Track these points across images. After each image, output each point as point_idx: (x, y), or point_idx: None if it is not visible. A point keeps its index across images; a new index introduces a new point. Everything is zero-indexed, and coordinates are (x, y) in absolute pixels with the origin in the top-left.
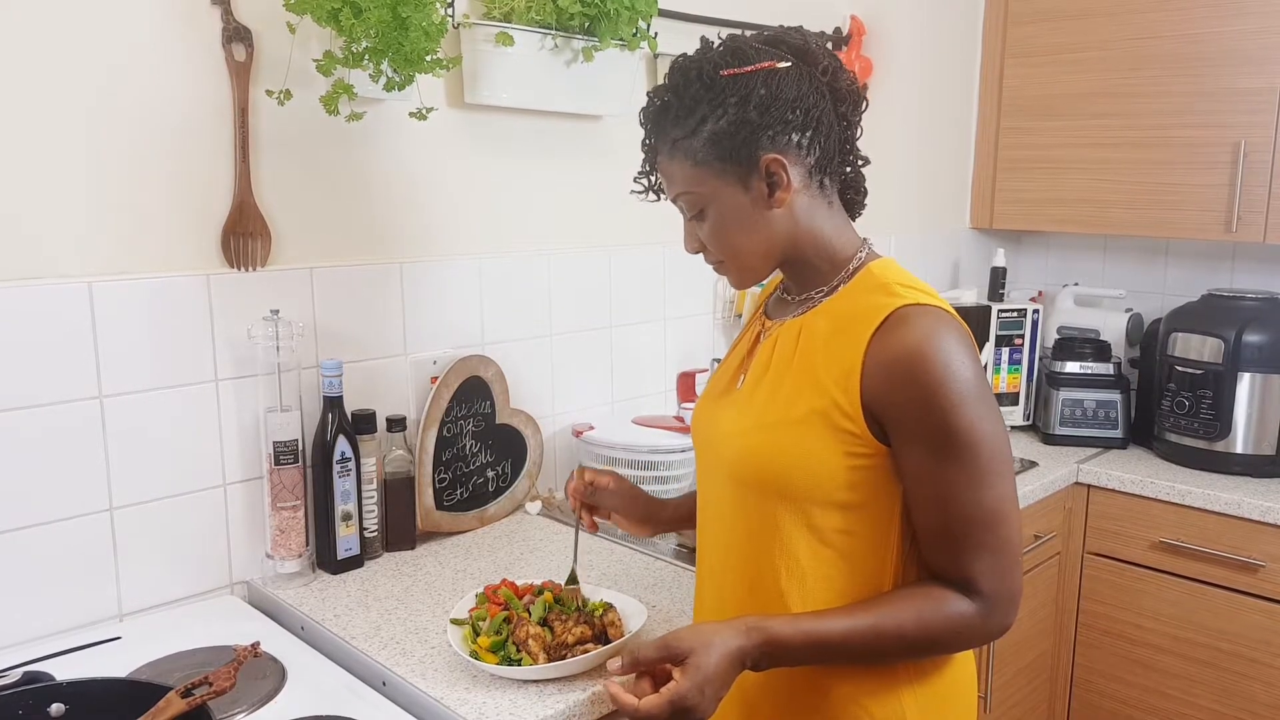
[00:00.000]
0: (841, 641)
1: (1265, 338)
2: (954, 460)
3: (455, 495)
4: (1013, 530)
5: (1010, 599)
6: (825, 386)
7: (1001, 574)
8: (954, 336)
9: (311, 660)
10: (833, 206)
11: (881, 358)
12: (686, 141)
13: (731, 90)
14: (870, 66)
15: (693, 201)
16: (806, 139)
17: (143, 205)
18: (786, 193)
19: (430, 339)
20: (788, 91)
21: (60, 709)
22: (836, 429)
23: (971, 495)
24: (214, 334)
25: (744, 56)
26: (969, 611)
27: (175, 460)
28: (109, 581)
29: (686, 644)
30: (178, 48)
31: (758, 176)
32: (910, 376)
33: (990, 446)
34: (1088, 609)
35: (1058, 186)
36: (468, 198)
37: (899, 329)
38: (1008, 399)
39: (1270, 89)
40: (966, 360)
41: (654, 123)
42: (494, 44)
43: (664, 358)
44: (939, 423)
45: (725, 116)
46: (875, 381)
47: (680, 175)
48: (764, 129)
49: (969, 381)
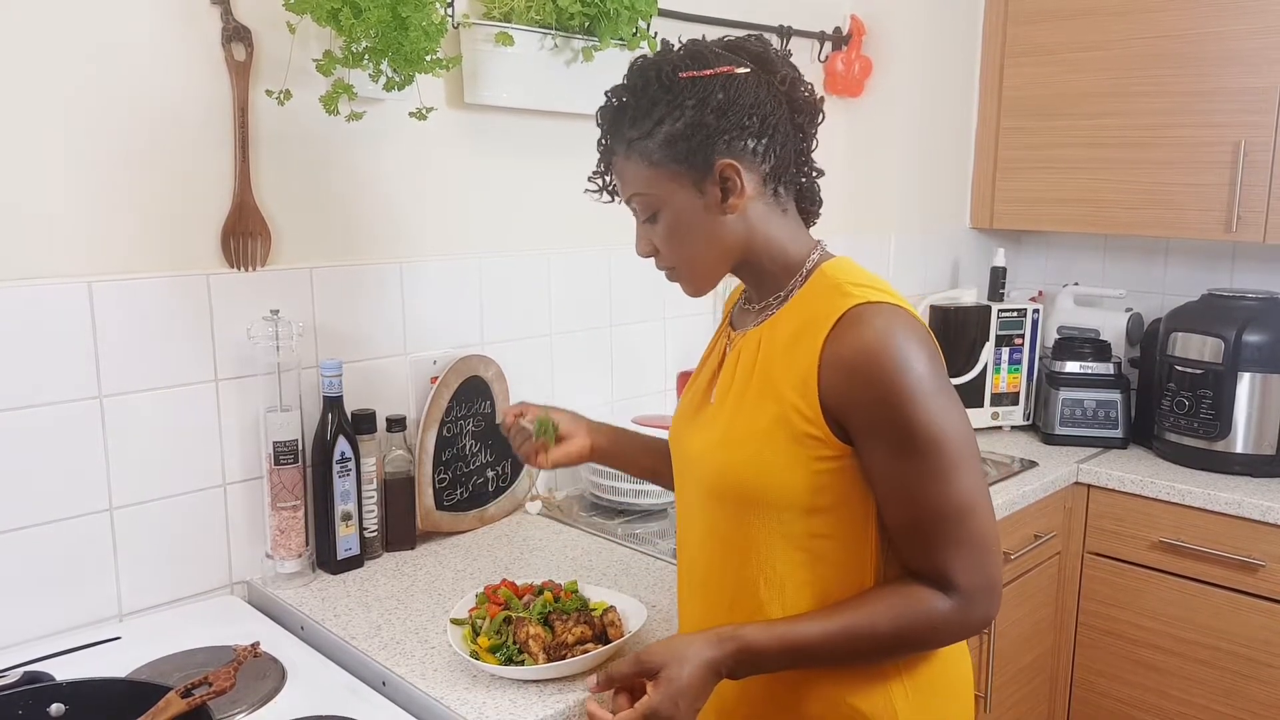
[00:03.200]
0: (817, 645)
1: (1265, 337)
2: (916, 456)
3: (455, 495)
4: (983, 522)
5: (988, 591)
6: (784, 394)
7: (976, 567)
8: (908, 332)
9: (311, 660)
10: (787, 214)
11: (837, 359)
12: (642, 142)
13: (690, 93)
14: (870, 66)
15: (646, 204)
16: (762, 146)
17: (142, 205)
18: (740, 198)
19: (430, 339)
20: (745, 97)
21: (60, 709)
22: (800, 435)
23: (937, 489)
24: (214, 334)
25: (703, 60)
26: (945, 607)
27: (175, 460)
28: (109, 581)
29: (659, 658)
30: (178, 47)
31: (712, 181)
32: (866, 375)
33: (952, 440)
34: (1088, 609)
35: (1057, 186)
36: (468, 198)
37: (852, 328)
38: (1008, 399)
39: (1270, 89)
40: (922, 355)
41: (611, 123)
42: (494, 44)
43: (664, 357)
44: (898, 419)
45: (682, 119)
46: (832, 383)
47: (635, 176)
48: (720, 133)
49: (925, 376)
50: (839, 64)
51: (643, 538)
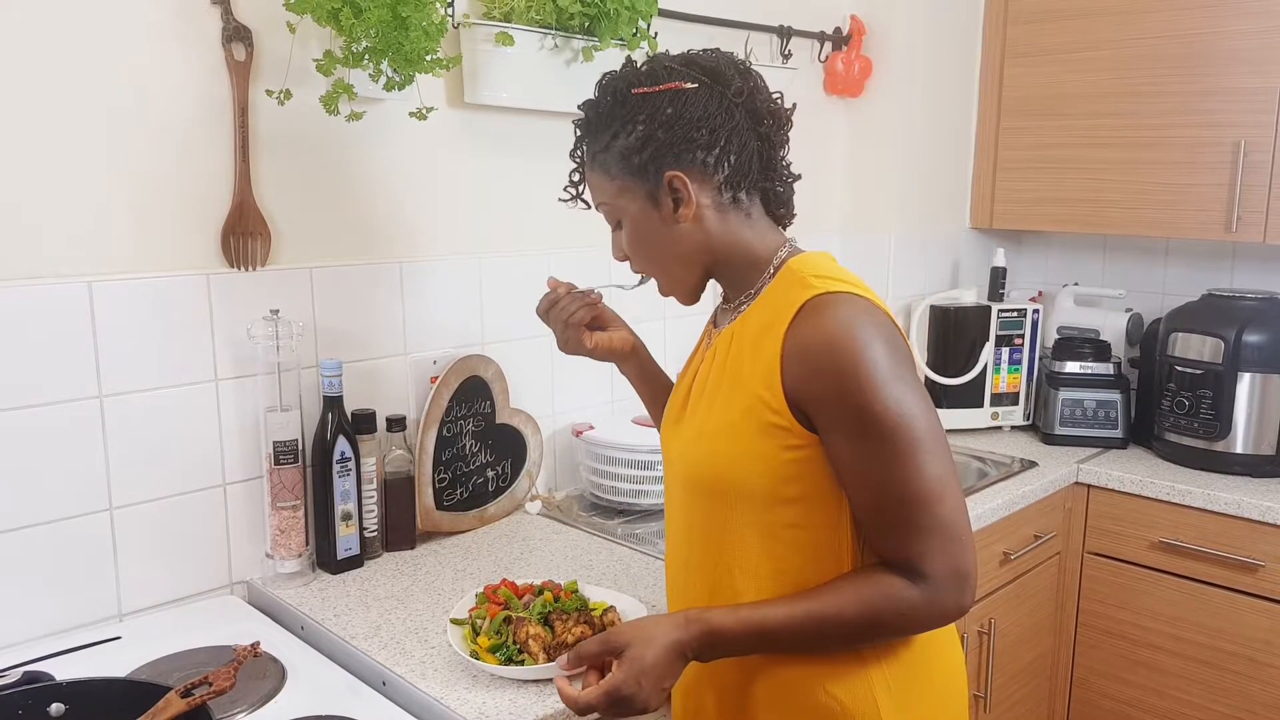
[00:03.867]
0: (782, 628)
1: (1265, 338)
2: (876, 441)
3: (455, 495)
4: (950, 509)
5: (956, 578)
6: (752, 386)
7: (944, 554)
8: (866, 320)
9: (311, 660)
10: (752, 218)
11: (797, 348)
12: (602, 155)
13: (641, 108)
14: (870, 66)
15: (610, 213)
16: (713, 157)
17: (142, 205)
18: (689, 208)
19: (430, 339)
20: (692, 111)
21: (60, 709)
22: (768, 426)
23: (899, 476)
24: (214, 333)
25: (655, 77)
26: (913, 595)
27: (175, 460)
28: (109, 581)
29: (625, 638)
30: (177, 47)
31: (663, 192)
32: (825, 363)
33: (913, 426)
34: (1087, 609)
35: (1058, 186)
36: (468, 197)
37: (811, 318)
38: (1008, 399)
39: (1270, 89)
40: (879, 343)
41: (581, 134)
42: (494, 44)
43: (664, 357)
44: (856, 406)
45: (634, 133)
46: (793, 372)
47: (598, 186)
48: (669, 146)
49: (883, 363)
50: (839, 64)
51: (643, 538)
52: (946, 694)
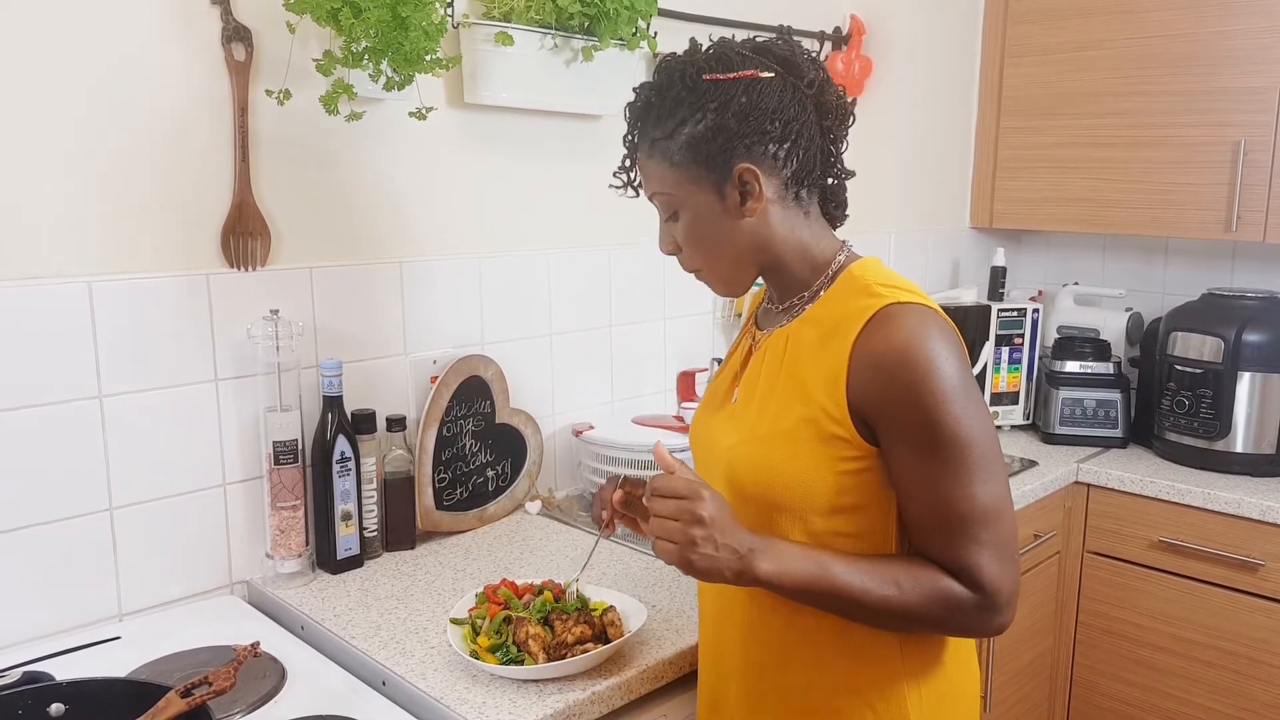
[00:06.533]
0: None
1: (1265, 337)
2: (943, 458)
3: (455, 495)
4: (1008, 529)
5: (1008, 596)
6: (812, 394)
7: (1000, 570)
8: (939, 333)
9: (311, 660)
10: (810, 216)
11: (867, 358)
12: (665, 143)
13: (712, 95)
14: (870, 66)
15: (667, 203)
16: (784, 150)
17: (142, 205)
18: (758, 202)
19: (430, 339)
20: (768, 102)
21: (60, 709)
22: (826, 436)
23: (964, 493)
24: (214, 334)
25: (728, 63)
26: (966, 597)
27: (175, 460)
28: (109, 581)
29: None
30: (177, 47)
31: (731, 184)
32: (895, 374)
33: (979, 444)
34: (1087, 608)
35: (1058, 186)
36: (468, 197)
37: (883, 328)
38: (1008, 398)
39: (1270, 89)
40: (952, 357)
41: (636, 120)
42: (494, 44)
43: (664, 357)
44: (925, 420)
45: (704, 121)
46: (861, 382)
47: (656, 175)
48: (741, 137)
49: (954, 378)
50: (839, 64)
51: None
52: (964, 705)
